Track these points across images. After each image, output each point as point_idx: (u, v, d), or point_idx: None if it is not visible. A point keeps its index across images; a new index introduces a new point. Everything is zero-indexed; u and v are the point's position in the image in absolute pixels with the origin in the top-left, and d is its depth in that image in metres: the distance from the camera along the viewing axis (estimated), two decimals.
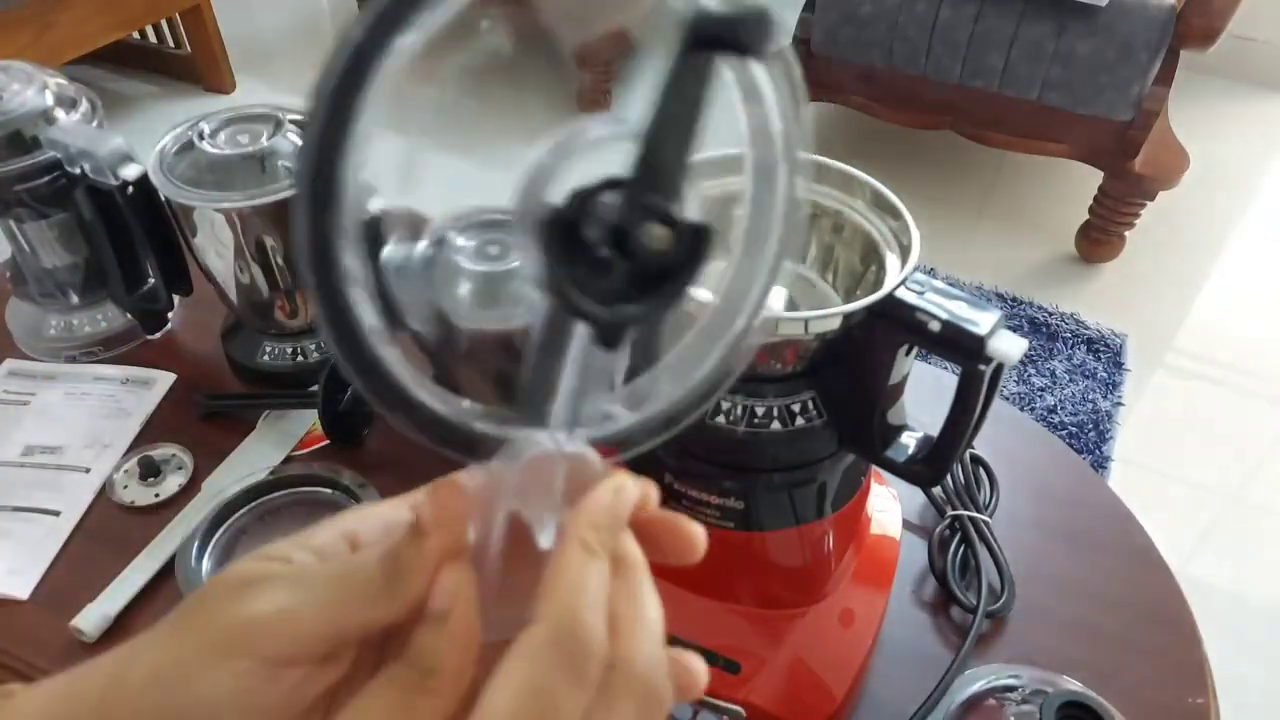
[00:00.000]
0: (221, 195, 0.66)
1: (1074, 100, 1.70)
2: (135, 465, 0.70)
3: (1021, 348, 0.42)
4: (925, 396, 0.53)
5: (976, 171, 2.13)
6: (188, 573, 0.61)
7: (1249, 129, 2.33)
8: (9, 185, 0.71)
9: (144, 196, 0.69)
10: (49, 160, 0.70)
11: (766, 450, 0.47)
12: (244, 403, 0.76)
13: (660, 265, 0.23)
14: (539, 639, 0.23)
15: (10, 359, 0.79)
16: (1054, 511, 0.69)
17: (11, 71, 0.73)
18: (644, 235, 0.23)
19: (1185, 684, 0.60)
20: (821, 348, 0.45)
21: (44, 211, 0.73)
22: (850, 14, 1.78)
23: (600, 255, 0.23)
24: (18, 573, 0.64)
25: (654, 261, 0.23)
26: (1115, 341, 1.74)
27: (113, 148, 0.68)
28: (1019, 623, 0.62)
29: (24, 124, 0.70)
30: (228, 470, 0.70)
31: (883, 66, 1.83)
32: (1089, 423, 1.60)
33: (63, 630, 0.60)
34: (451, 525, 0.25)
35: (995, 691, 0.50)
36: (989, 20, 1.68)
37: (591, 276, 0.23)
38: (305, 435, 0.74)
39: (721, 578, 0.52)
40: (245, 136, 0.70)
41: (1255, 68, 2.42)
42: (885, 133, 2.06)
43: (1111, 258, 1.90)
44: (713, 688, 0.49)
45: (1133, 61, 1.62)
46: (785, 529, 0.50)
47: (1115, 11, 1.59)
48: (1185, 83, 1.91)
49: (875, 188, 0.49)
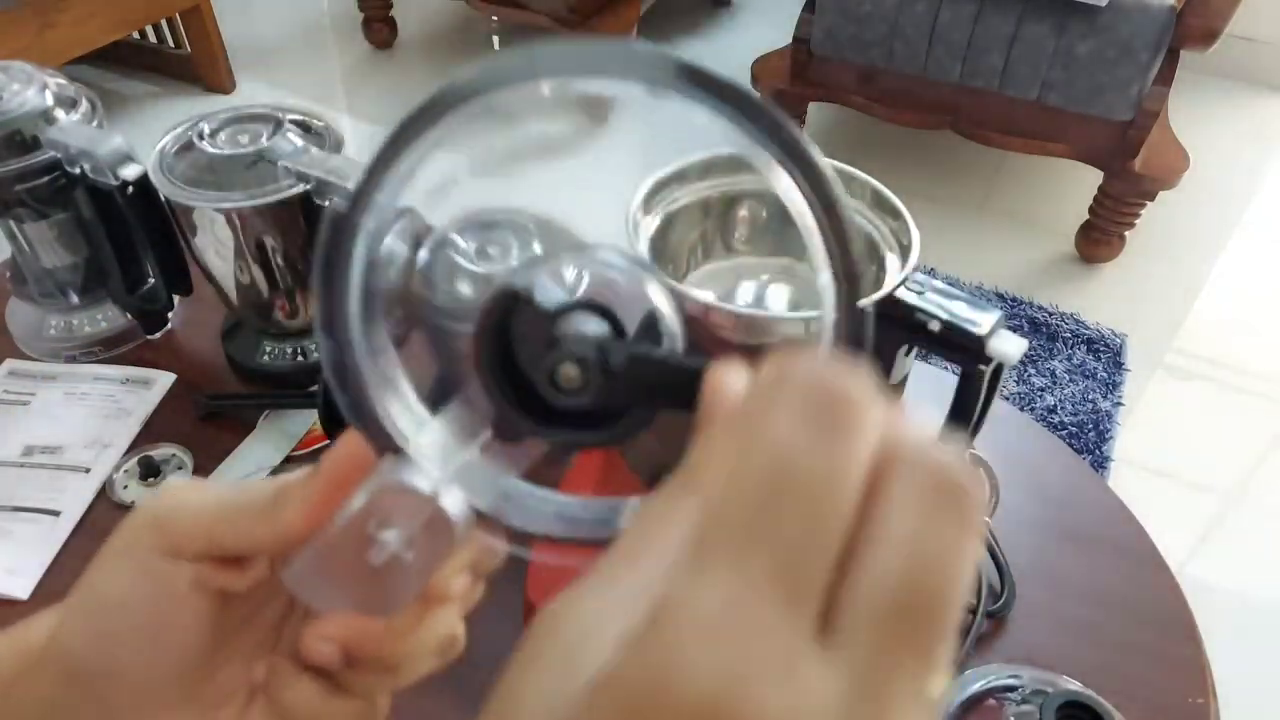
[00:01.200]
0: (221, 195, 0.66)
1: (1074, 100, 1.70)
2: (135, 465, 0.70)
3: (1021, 348, 0.42)
4: (925, 396, 0.53)
5: (976, 172, 2.13)
6: None
7: (1249, 129, 2.33)
8: (9, 185, 0.71)
9: (144, 196, 0.69)
10: (49, 160, 0.70)
11: None
12: (244, 403, 0.76)
13: (567, 403, 0.23)
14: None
15: (10, 359, 0.79)
16: (1054, 511, 0.69)
17: (11, 71, 0.73)
18: (559, 367, 0.23)
19: (1185, 684, 0.60)
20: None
21: (44, 211, 0.73)
22: (850, 14, 1.78)
23: (520, 365, 0.23)
24: (18, 573, 0.64)
25: (562, 395, 0.23)
26: (1115, 341, 1.74)
27: (113, 148, 0.68)
28: (1019, 623, 0.62)
29: (24, 124, 0.70)
30: (228, 470, 0.70)
31: (883, 66, 1.83)
32: (1089, 423, 1.60)
33: None
34: (337, 482, 0.26)
35: (995, 691, 0.50)
36: (989, 20, 1.68)
37: (518, 373, 0.23)
38: (305, 435, 0.74)
39: None
40: (245, 136, 0.70)
41: (1255, 68, 2.42)
42: (885, 133, 2.06)
43: (1111, 258, 1.90)
44: None
45: (1133, 61, 1.62)
46: None
47: (1115, 11, 1.59)
48: (1185, 83, 1.92)
49: (875, 188, 0.49)
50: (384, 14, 2.53)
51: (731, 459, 0.18)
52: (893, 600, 0.17)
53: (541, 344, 0.23)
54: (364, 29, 2.56)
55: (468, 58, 2.59)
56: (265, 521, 0.27)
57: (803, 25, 1.87)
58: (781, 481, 0.17)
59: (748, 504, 0.17)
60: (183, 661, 0.28)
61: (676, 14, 2.69)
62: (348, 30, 2.65)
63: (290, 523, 0.27)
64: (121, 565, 0.28)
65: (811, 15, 1.84)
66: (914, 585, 0.17)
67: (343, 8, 2.72)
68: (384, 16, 2.53)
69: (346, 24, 2.67)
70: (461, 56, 2.59)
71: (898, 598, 0.17)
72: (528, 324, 0.24)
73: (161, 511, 0.28)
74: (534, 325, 0.23)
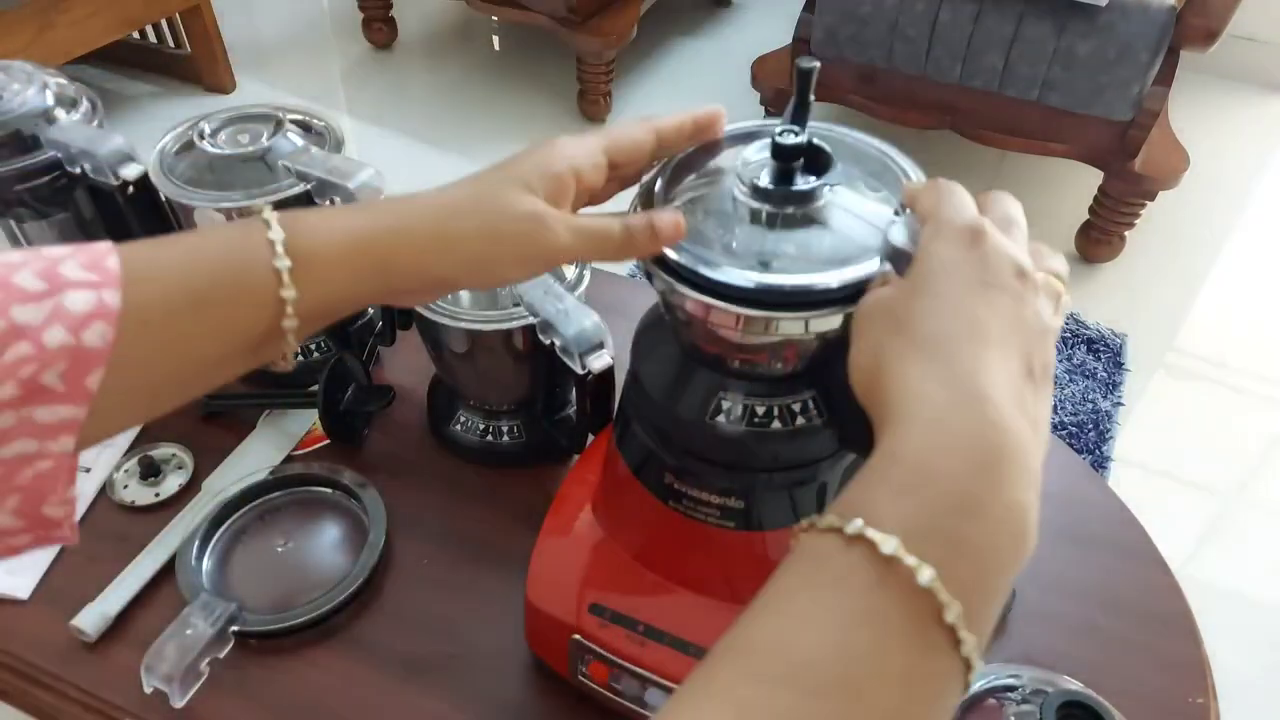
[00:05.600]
0: (222, 195, 0.66)
1: (1074, 100, 1.70)
2: (135, 465, 0.70)
3: None
4: None
5: (976, 172, 2.13)
6: (188, 572, 0.61)
7: (1249, 129, 2.33)
8: (9, 185, 0.71)
9: (144, 196, 0.69)
10: (49, 160, 0.70)
11: (766, 449, 0.47)
12: (244, 402, 0.76)
13: None
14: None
15: None
16: (1054, 511, 0.69)
17: (12, 71, 0.73)
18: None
19: (1185, 684, 0.60)
20: (822, 347, 0.45)
21: (44, 211, 0.73)
22: (850, 13, 1.78)
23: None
24: (18, 573, 0.64)
25: None
26: (1115, 341, 1.74)
27: (113, 147, 0.68)
28: (1019, 623, 0.62)
29: (24, 124, 0.70)
30: (228, 470, 0.70)
31: (883, 66, 1.83)
32: (1089, 423, 1.60)
33: (63, 630, 0.60)
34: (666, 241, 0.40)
35: (995, 691, 0.50)
36: (989, 20, 1.68)
37: None
38: (305, 435, 0.74)
39: (723, 577, 0.52)
40: (245, 136, 0.70)
41: (1256, 68, 2.42)
42: (885, 133, 2.05)
43: (1112, 258, 1.90)
44: None
45: (1133, 61, 1.62)
46: (786, 528, 0.50)
47: (1115, 11, 1.59)
48: (1185, 83, 1.92)
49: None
50: (384, 14, 2.53)
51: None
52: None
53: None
54: (364, 29, 2.56)
55: (468, 58, 2.59)
56: (618, 254, 0.41)
57: (803, 25, 1.87)
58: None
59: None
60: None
61: (677, 13, 2.69)
62: (348, 30, 2.65)
63: (637, 256, 0.41)
64: (524, 201, 0.39)
65: (812, 15, 1.84)
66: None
67: (343, 7, 2.72)
68: (384, 16, 2.53)
69: (346, 24, 2.67)
70: (462, 56, 2.59)
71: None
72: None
73: (549, 229, 0.39)
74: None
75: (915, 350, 0.31)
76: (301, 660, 0.60)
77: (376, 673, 0.59)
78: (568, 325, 0.60)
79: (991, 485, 0.28)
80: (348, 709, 0.57)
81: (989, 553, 0.27)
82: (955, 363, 0.30)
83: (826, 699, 0.25)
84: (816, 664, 0.25)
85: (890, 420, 0.30)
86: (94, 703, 0.58)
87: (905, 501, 0.27)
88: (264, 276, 0.35)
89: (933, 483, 0.28)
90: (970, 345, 0.30)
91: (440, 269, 0.39)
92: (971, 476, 0.28)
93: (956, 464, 0.28)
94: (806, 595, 0.27)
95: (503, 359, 0.66)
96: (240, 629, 0.59)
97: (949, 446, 0.28)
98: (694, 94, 2.40)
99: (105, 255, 0.33)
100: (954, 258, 0.33)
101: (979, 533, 0.27)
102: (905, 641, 0.26)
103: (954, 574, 0.26)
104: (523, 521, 0.66)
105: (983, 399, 0.29)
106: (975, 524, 0.27)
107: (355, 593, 0.62)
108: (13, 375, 0.30)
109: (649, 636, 0.51)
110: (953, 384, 0.29)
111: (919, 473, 0.28)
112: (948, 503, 0.27)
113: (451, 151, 2.21)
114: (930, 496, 0.27)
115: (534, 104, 2.37)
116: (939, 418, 0.29)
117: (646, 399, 0.49)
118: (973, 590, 0.27)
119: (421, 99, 2.41)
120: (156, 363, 0.34)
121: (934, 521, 0.27)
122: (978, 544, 0.27)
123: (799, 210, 0.42)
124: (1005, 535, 0.27)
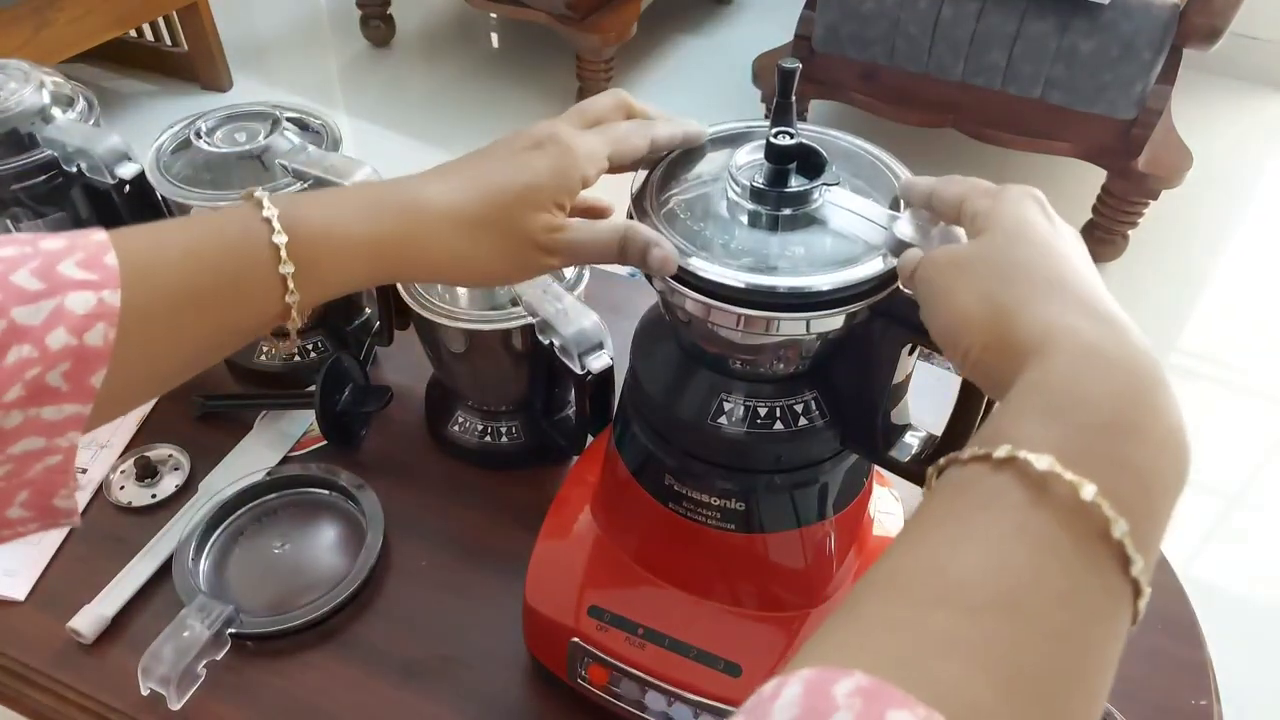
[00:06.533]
0: (219, 193, 0.66)
1: (1077, 99, 1.69)
2: (132, 466, 0.70)
3: None
4: (928, 396, 0.52)
5: (979, 170, 2.10)
6: (185, 574, 0.61)
7: (1252, 128, 2.32)
8: (5, 184, 0.70)
9: (141, 195, 0.69)
10: (46, 159, 0.70)
11: (768, 451, 0.47)
12: (241, 403, 0.75)
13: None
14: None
15: None
16: None
17: (8, 70, 0.72)
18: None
19: (1188, 685, 0.59)
20: (824, 347, 0.45)
21: (40, 210, 0.73)
22: (852, 11, 1.78)
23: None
24: (15, 574, 0.63)
25: None
26: None
27: (110, 146, 0.68)
28: None
29: (20, 122, 0.70)
30: (224, 471, 0.70)
31: (885, 64, 1.82)
32: None
33: (60, 631, 0.60)
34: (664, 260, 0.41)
35: None
36: (991, 18, 1.67)
37: None
38: (302, 436, 0.73)
39: (723, 580, 0.51)
40: (242, 134, 0.69)
41: (1259, 66, 2.42)
42: (887, 131, 2.06)
43: (1114, 257, 1.89)
44: (714, 691, 0.49)
45: (1136, 60, 1.62)
46: (787, 531, 0.49)
47: (1118, 10, 1.59)
48: (1188, 81, 1.91)
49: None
50: (382, 11, 2.52)
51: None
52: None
53: None
54: (362, 26, 2.56)
55: (466, 55, 2.58)
56: (615, 258, 0.42)
57: (804, 22, 1.87)
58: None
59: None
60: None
61: (677, 11, 2.68)
62: (345, 28, 2.65)
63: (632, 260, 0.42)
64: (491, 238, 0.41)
65: (813, 12, 1.84)
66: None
67: (341, 5, 2.71)
68: (382, 14, 2.53)
69: (344, 21, 2.67)
70: (460, 54, 2.58)
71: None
72: None
73: (554, 233, 0.42)
74: None
75: (1043, 292, 0.32)
76: (299, 662, 0.59)
77: (374, 675, 0.59)
78: (566, 325, 0.59)
79: (1152, 410, 0.27)
80: (345, 711, 0.57)
81: (1152, 475, 0.26)
82: (1088, 299, 0.31)
83: (984, 616, 0.23)
84: (970, 583, 0.24)
85: (1031, 356, 0.30)
86: (90, 705, 0.58)
87: (1055, 425, 0.27)
88: (267, 279, 0.36)
89: (1084, 406, 0.27)
90: (1089, 283, 0.32)
91: (446, 277, 0.44)
92: (1131, 401, 0.27)
93: (1115, 387, 0.27)
94: (953, 520, 0.26)
95: (501, 359, 0.66)
96: (237, 631, 0.58)
97: (1104, 373, 0.28)
98: (694, 92, 2.40)
99: (103, 252, 0.33)
100: (1028, 214, 0.35)
101: (1142, 456, 0.26)
102: (1067, 559, 0.24)
103: (1117, 493, 0.25)
104: (521, 523, 0.65)
105: (1128, 328, 0.30)
106: (1137, 447, 0.26)
107: (353, 595, 0.61)
108: (18, 377, 0.31)
109: (648, 639, 0.51)
110: (1096, 316, 0.30)
111: (1069, 396, 0.27)
112: (1105, 425, 0.27)
113: (450, 149, 2.21)
114: (1083, 420, 0.27)
115: (533, 102, 2.36)
116: (1092, 346, 0.29)
117: (646, 400, 0.49)
118: (1139, 511, 0.25)
119: (420, 97, 2.40)
120: (158, 357, 0.35)
121: (1090, 443, 0.26)
122: (1140, 466, 0.26)
123: (796, 211, 0.42)
124: (1168, 459, 0.27)
